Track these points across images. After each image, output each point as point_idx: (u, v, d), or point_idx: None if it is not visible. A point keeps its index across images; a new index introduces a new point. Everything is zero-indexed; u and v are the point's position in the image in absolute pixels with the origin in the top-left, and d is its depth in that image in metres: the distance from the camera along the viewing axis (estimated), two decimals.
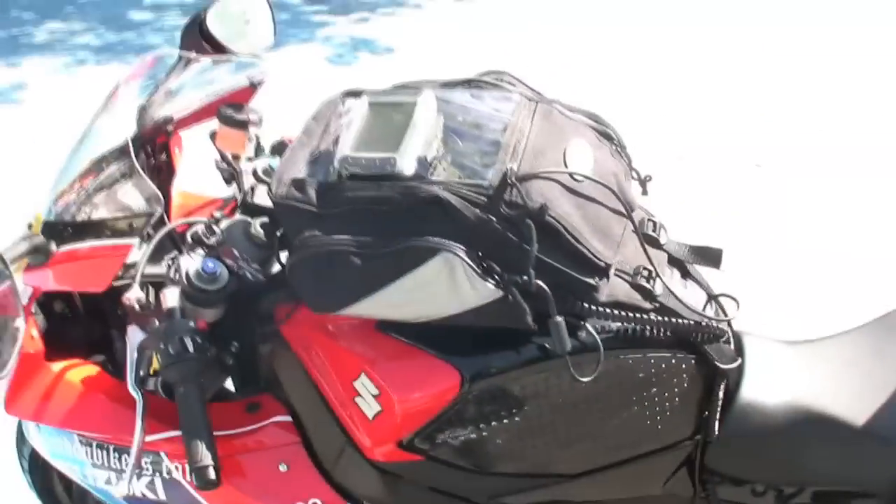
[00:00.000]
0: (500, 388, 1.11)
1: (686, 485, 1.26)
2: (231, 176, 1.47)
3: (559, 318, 1.04)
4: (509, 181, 1.01)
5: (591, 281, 1.06)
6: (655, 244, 1.18)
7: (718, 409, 1.21)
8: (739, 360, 1.19)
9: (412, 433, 1.13)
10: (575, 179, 1.06)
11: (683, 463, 1.24)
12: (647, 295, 1.12)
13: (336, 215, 1.06)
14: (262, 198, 1.33)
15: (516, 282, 1.02)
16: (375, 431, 1.15)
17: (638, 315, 1.11)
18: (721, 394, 1.20)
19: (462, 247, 1.01)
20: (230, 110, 1.42)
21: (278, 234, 1.22)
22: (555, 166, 1.06)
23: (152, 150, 1.51)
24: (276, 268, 1.28)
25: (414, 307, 1.07)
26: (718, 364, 1.18)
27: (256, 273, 1.26)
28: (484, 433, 1.14)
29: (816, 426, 1.20)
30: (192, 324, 1.17)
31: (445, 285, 1.03)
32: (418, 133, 1.07)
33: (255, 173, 1.37)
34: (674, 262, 1.22)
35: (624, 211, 1.11)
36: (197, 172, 1.54)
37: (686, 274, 1.23)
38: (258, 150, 1.45)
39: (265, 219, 1.28)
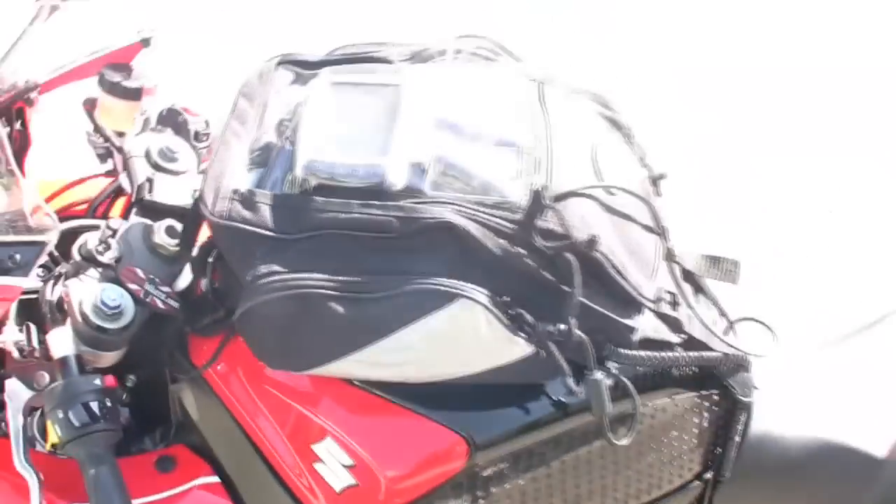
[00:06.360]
0: (510, 454, 0.89)
1: None
2: (108, 153, 1.14)
3: (599, 374, 0.82)
4: (543, 201, 0.78)
5: (631, 323, 0.85)
6: (670, 256, 0.97)
7: (736, 444, 1.04)
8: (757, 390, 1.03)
9: None
10: (610, 193, 0.84)
11: None
12: (675, 326, 0.92)
13: (303, 243, 0.79)
14: (164, 192, 1.02)
15: (553, 333, 0.79)
16: None
17: (668, 355, 0.91)
18: (740, 428, 1.03)
19: (484, 290, 0.77)
20: (117, 75, 1.09)
21: (210, 259, 0.92)
22: (586, 174, 0.83)
23: (7, 120, 1.15)
24: (183, 281, 0.99)
25: (416, 367, 0.82)
26: (742, 398, 1.01)
27: (169, 300, 0.95)
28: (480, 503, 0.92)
29: (834, 454, 1.06)
30: (97, 381, 0.87)
31: (463, 340, 0.78)
32: (407, 128, 0.81)
33: (149, 157, 1.06)
34: (687, 276, 1.03)
35: (657, 228, 0.90)
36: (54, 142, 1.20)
37: (699, 289, 1.04)
38: (145, 123, 1.13)
39: (171, 221, 0.98)
